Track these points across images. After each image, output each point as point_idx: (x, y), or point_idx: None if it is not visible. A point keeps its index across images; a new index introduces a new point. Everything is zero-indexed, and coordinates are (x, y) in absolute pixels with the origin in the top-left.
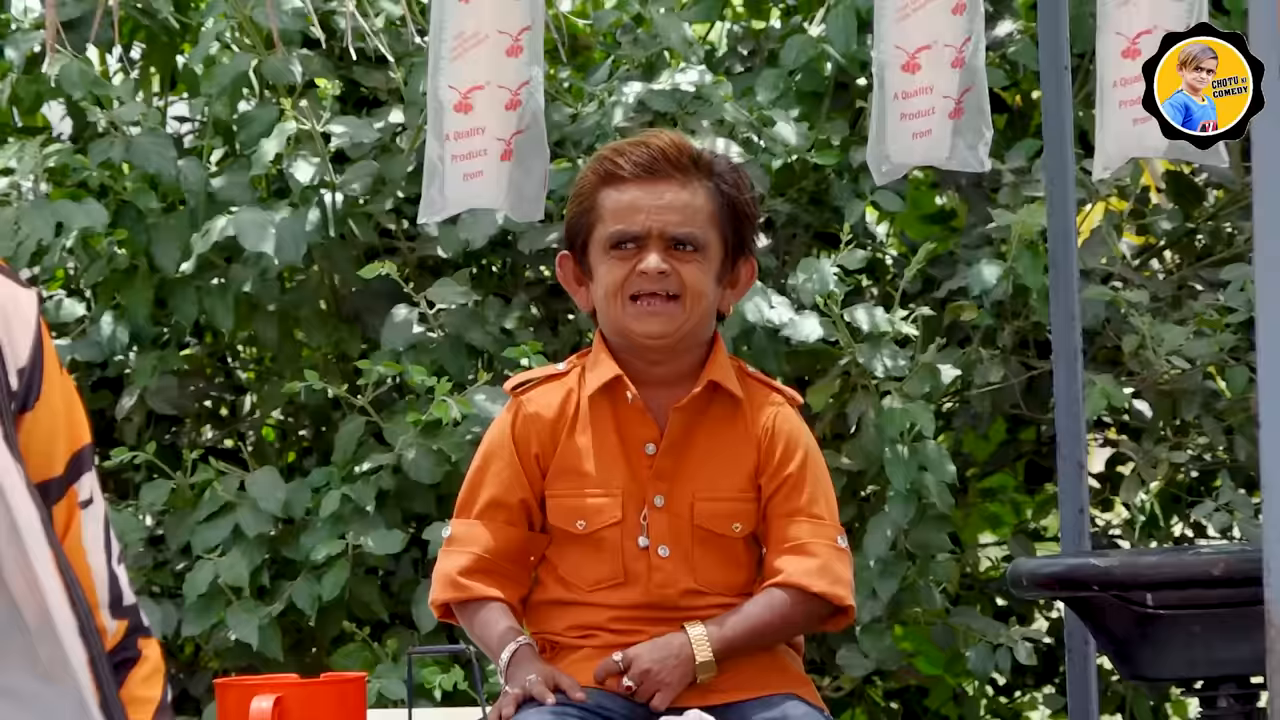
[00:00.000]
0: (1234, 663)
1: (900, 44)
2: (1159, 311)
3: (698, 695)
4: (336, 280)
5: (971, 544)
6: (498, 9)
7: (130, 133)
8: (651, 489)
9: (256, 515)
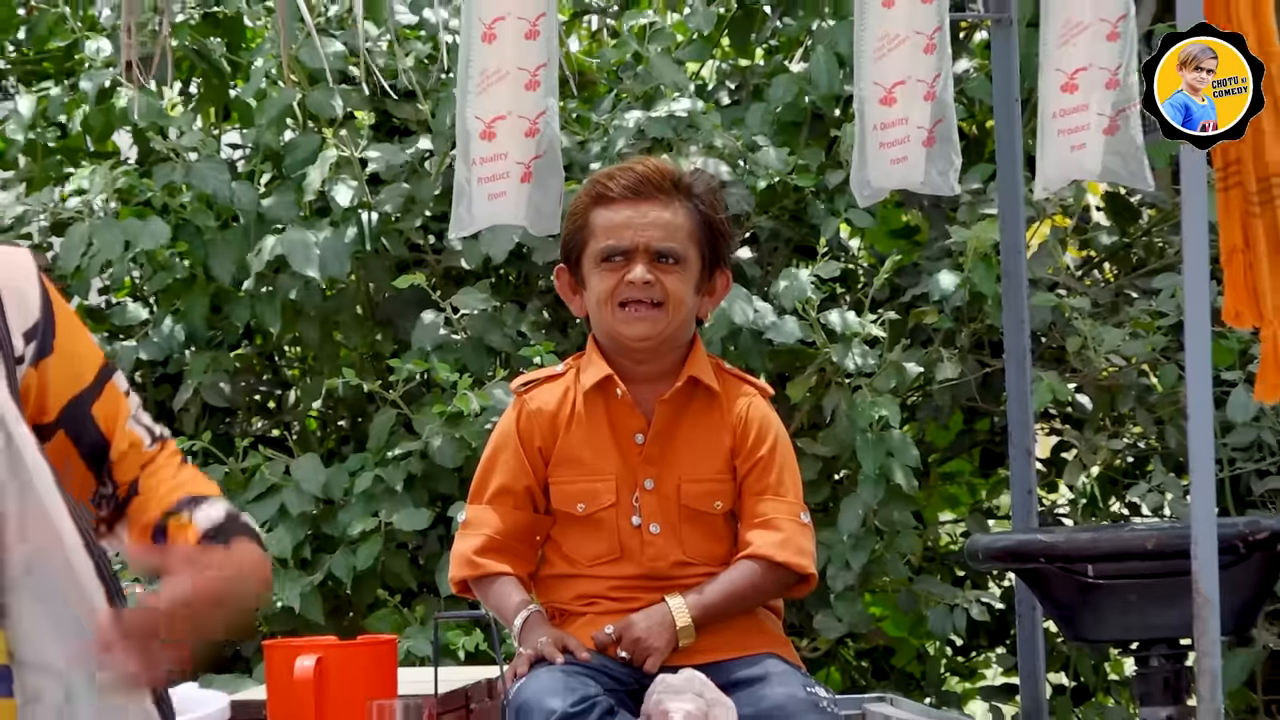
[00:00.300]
0: (1165, 627)
1: (878, 80)
2: (1098, 316)
3: (687, 656)
4: (372, 288)
5: (933, 521)
6: (517, 48)
7: (189, 158)
8: (641, 474)
9: (299, 495)
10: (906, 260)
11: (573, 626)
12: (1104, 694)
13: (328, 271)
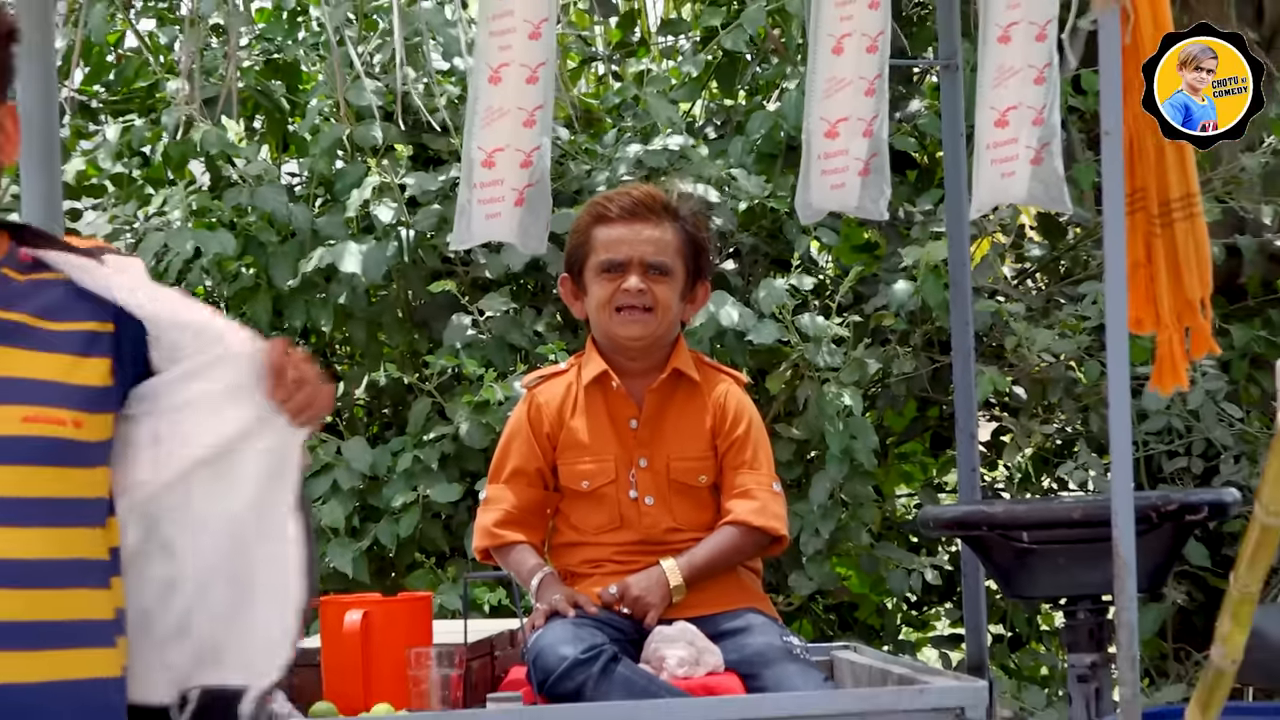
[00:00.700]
0: (1089, 585)
1: (824, 116)
2: (1031, 319)
3: (679, 610)
4: (410, 294)
5: (890, 495)
6: (518, 91)
7: (253, 184)
8: (636, 454)
9: (349, 473)
10: (867, 272)
11: (581, 586)
12: (1036, 642)
13: (370, 276)
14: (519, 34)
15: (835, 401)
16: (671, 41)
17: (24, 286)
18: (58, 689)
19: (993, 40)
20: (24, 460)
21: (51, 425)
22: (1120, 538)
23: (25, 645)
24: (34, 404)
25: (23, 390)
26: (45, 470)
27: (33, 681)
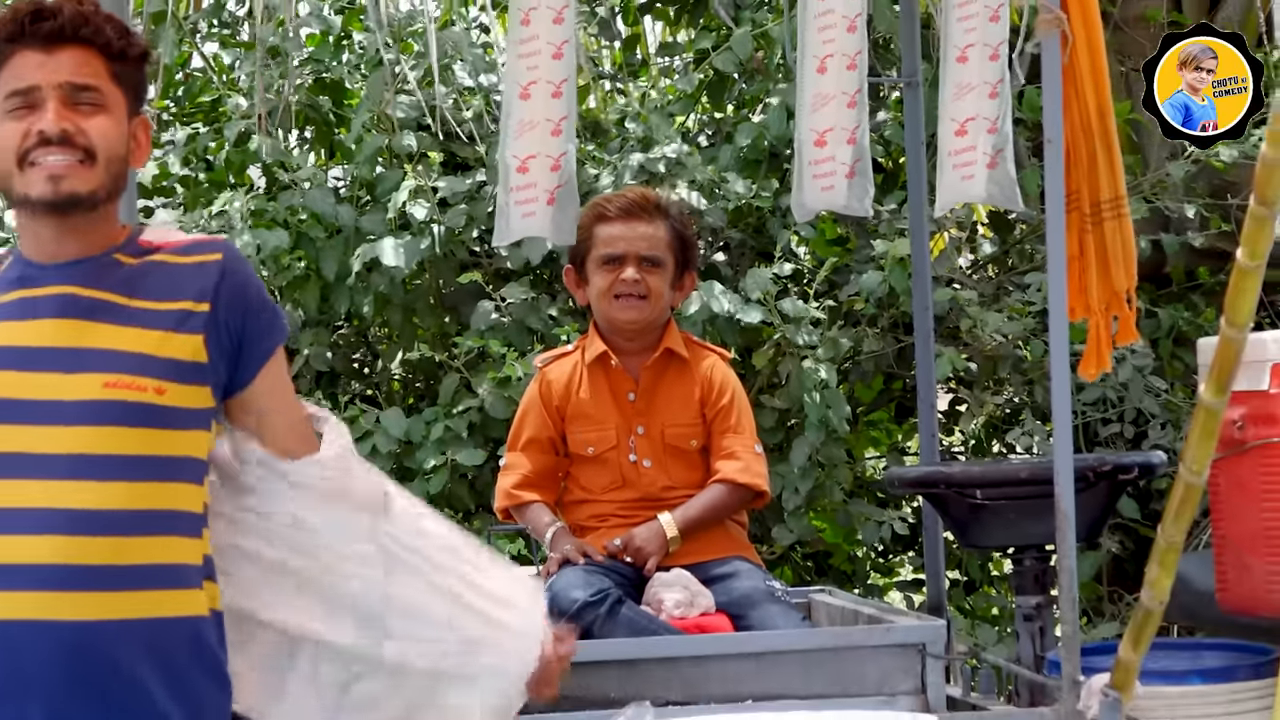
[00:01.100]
0: (1035, 536)
1: (813, 128)
2: (984, 304)
3: (675, 559)
4: (441, 283)
5: (861, 457)
6: (545, 104)
7: (304, 187)
8: (634, 423)
9: (387, 439)
10: (840, 263)
11: (589, 538)
12: (988, 586)
13: (406, 269)
14: (544, 55)
15: (813, 375)
16: (668, 62)
17: (129, 269)
18: (142, 626)
19: (952, 60)
20: (105, 421)
21: (131, 391)
22: (1061, 494)
23: (110, 586)
24: (114, 372)
25: (104, 360)
26: (126, 430)
27: (117, 619)
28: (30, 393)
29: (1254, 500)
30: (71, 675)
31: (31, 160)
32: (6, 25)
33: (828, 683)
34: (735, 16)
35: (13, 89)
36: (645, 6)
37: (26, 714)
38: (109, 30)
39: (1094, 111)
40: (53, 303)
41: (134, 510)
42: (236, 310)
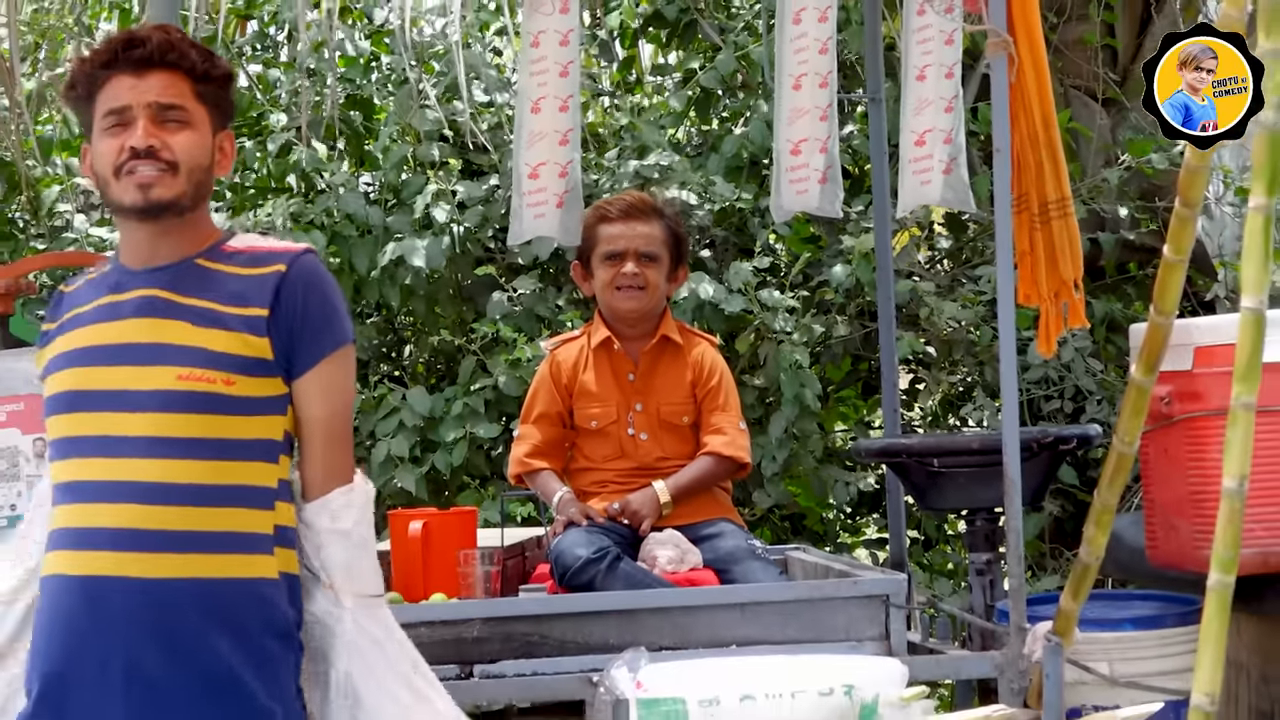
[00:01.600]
0: (985, 499)
1: (789, 138)
2: (940, 294)
3: (667, 520)
4: (459, 276)
5: (831, 430)
6: (553, 117)
7: (339, 192)
8: (633, 400)
9: (412, 414)
10: (813, 258)
11: (591, 502)
12: (944, 544)
13: (430, 263)
14: (552, 74)
15: (788, 357)
16: (660, 80)
17: (207, 275)
18: (208, 584)
19: (912, 79)
20: (177, 409)
21: (201, 383)
22: (1009, 463)
23: (179, 549)
24: (187, 365)
25: (178, 354)
26: (196, 416)
27: (185, 577)
28: (114, 384)
29: (1180, 468)
30: (144, 626)
31: (126, 171)
32: (103, 53)
33: (802, 630)
34: (720, 38)
35: (109, 109)
36: (640, 30)
37: (109, 658)
38: (193, 55)
39: (1040, 123)
40: (135, 304)
41: (202, 484)
42: (291, 315)
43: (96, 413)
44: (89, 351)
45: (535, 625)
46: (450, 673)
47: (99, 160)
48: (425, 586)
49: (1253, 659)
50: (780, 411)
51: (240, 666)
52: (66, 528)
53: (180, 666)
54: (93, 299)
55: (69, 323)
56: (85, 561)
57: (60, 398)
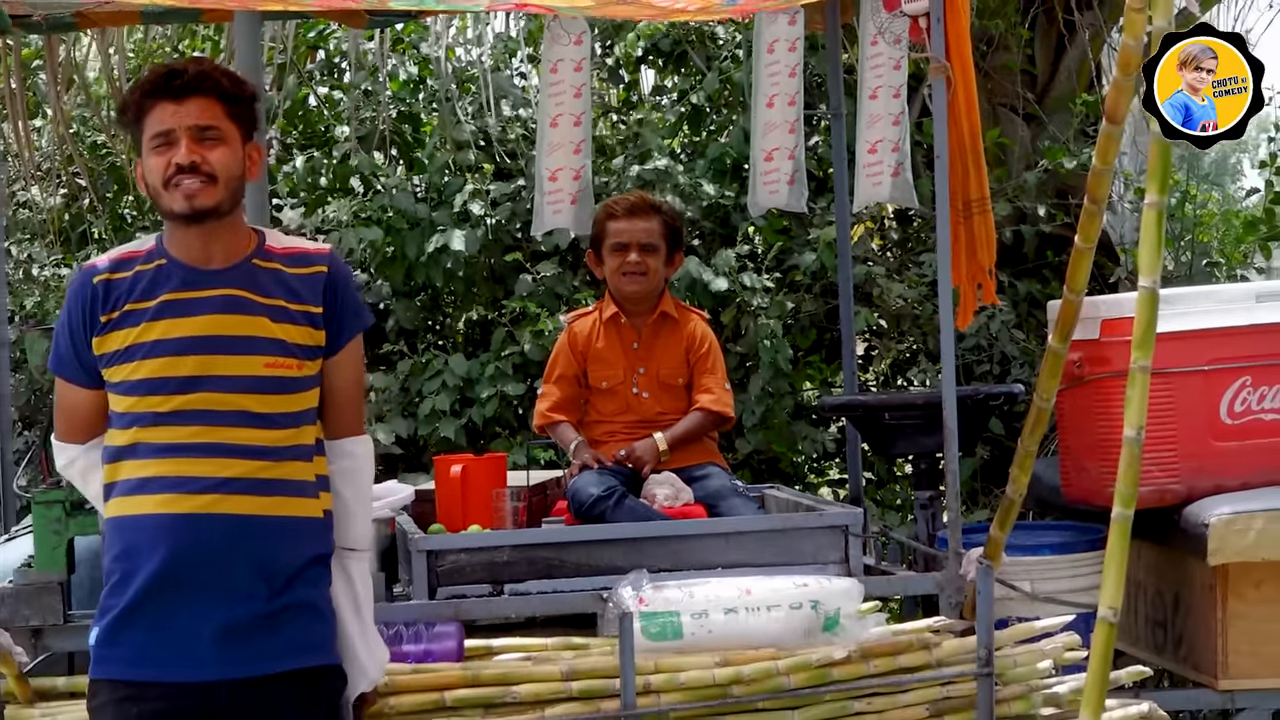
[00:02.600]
0: (928, 446)
1: (763, 147)
2: (890, 276)
3: (664, 465)
4: (492, 261)
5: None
6: (569, 130)
7: (392, 192)
8: (637, 365)
9: (453, 376)
10: (785, 246)
11: (601, 449)
12: (893, 483)
13: (468, 250)
14: (568, 94)
15: (765, 329)
16: (658, 99)
17: (267, 275)
18: (279, 519)
19: (866, 98)
20: (265, 391)
21: (282, 369)
22: (947, 416)
23: (258, 493)
24: (271, 355)
25: (263, 345)
26: (279, 396)
27: (262, 514)
28: (212, 370)
29: (1089, 420)
30: (232, 549)
31: (173, 184)
32: (148, 84)
33: (776, 555)
34: (707, 65)
35: (155, 131)
36: (641, 59)
37: (206, 576)
38: (224, 81)
39: (967, 136)
40: (217, 302)
41: (276, 445)
42: (338, 306)
43: (191, 394)
44: (173, 342)
45: (555, 551)
46: (484, 590)
47: (149, 174)
48: (464, 519)
49: (1149, 578)
50: (758, 374)
51: (300, 579)
52: (161, 477)
53: (260, 579)
54: (153, 296)
55: (129, 317)
56: (186, 502)
57: (149, 382)
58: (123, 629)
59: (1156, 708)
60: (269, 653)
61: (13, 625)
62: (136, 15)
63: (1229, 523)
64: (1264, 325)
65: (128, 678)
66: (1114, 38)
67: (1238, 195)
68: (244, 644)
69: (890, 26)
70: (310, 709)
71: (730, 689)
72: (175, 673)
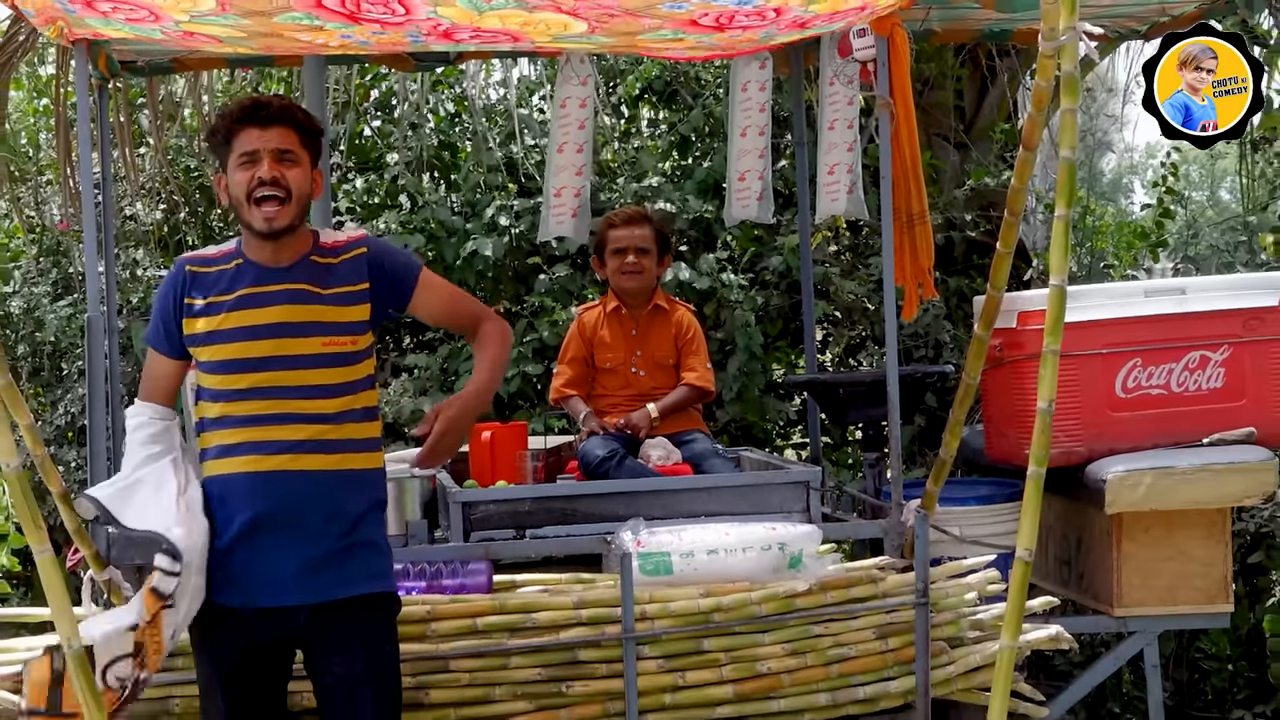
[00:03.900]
0: (875, 416)
1: (738, 169)
2: (844, 275)
3: (657, 431)
4: (516, 264)
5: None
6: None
7: (433, 206)
8: (635, 348)
9: None
10: (756, 251)
11: (606, 418)
12: (846, 446)
13: (495, 255)
14: (573, 126)
15: (740, 319)
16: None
17: (323, 268)
18: (347, 472)
19: (825, 129)
20: (325, 366)
21: (338, 345)
22: (891, 391)
23: (328, 451)
24: (328, 335)
25: (320, 328)
26: (336, 369)
27: (334, 469)
28: (280, 351)
29: (1007, 395)
30: (306, 499)
31: (255, 199)
32: (237, 111)
33: (749, 506)
34: (693, 102)
35: (243, 151)
36: (639, 97)
37: (286, 522)
38: (299, 115)
39: (908, 160)
40: (284, 295)
41: (340, 410)
42: (385, 269)
43: (266, 372)
44: (249, 329)
45: (568, 502)
46: (509, 535)
47: (234, 187)
48: (493, 476)
49: (1057, 524)
50: (735, 356)
51: (364, 521)
52: (247, 442)
53: (330, 522)
54: (233, 289)
55: (211, 307)
56: (266, 462)
57: (229, 362)
58: (221, 564)
59: (1063, 631)
60: (339, 582)
61: (123, 563)
62: (222, 61)
63: (1123, 479)
64: (1152, 316)
65: (226, 603)
66: (1028, 80)
67: (1130, 210)
68: (319, 575)
69: (844, 70)
70: (371, 625)
71: (712, 616)
72: (264, 599)
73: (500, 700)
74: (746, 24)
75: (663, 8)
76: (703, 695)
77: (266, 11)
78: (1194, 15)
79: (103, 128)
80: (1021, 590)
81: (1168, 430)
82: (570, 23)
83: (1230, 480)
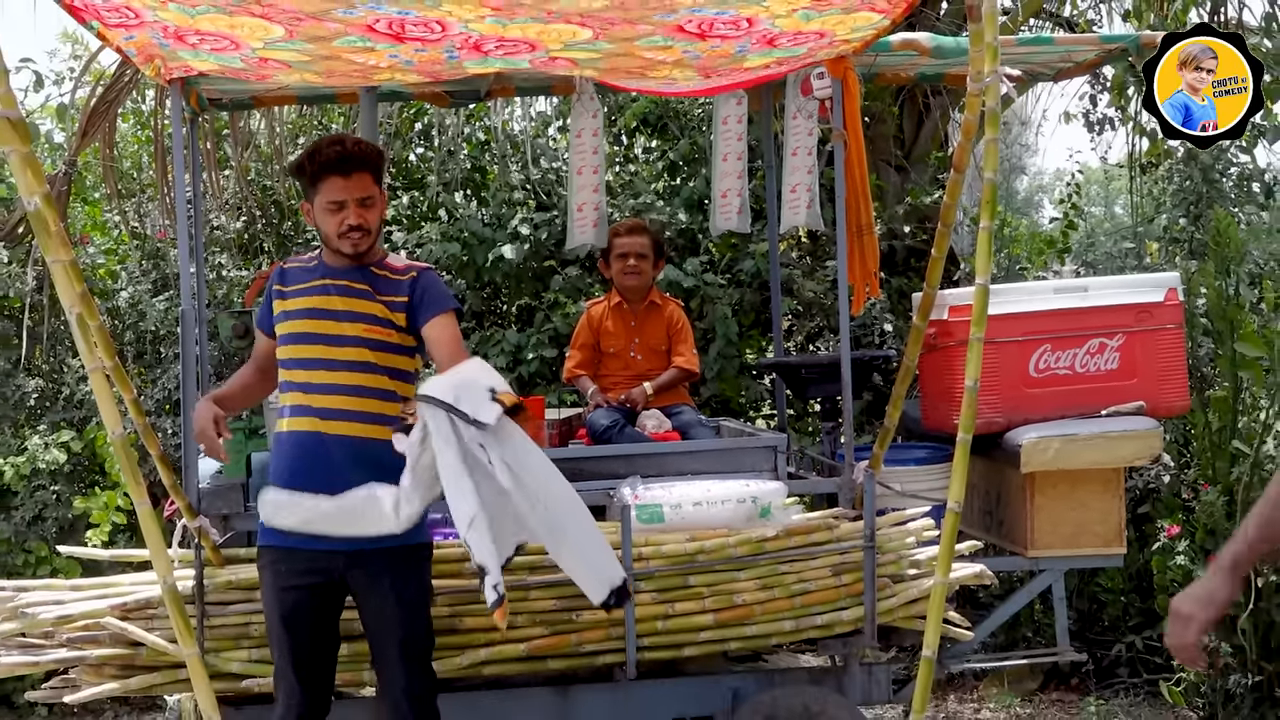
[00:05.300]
0: (831, 392)
1: (719, 189)
2: (805, 276)
3: (651, 405)
4: (535, 266)
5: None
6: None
7: (466, 219)
8: (634, 336)
9: (507, 344)
10: (734, 256)
11: (610, 394)
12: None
13: (517, 259)
14: (588, 151)
15: (720, 312)
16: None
17: (379, 278)
18: (375, 441)
19: (789, 155)
20: (365, 347)
21: (377, 332)
22: (844, 371)
23: (364, 421)
24: (369, 324)
25: (364, 317)
26: (374, 351)
27: (366, 436)
28: (331, 330)
29: (940, 375)
30: (343, 459)
31: (342, 236)
32: (322, 158)
33: (727, 466)
34: (681, 132)
35: (330, 199)
36: (636, 128)
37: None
38: (373, 158)
39: (858, 180)
40: (341, 287)
41: (374, 387)
42: (421, 294)
43: (320, 345)
44: (312, 311)
45: (578, 463)
46: None
47: (324, 226)
48: None
49: (980, 481)
50: (715, 342)
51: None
52: (299, 405)
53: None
54: (308, 280)
55: (293, 293)
56: (313, 424)
57: (296, 335)
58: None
59: (986, 569)
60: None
61: (210, 513)
62: (294, 98)
63: (1035, 444)
64: (1059, 309)
65: (282, 544)
66: (957, 114)
67: (1040, 222)
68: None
69: (805, 106)
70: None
71: (696, 557)
72: (311, 543)
73: (521, 626)
74: (724, 33)
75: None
76: (689, 622)
77: (327, 37)
78: (1094, 62)
79: (194, 153)
80: (951, 535)
81: (1072, 404)
82: (578, 30)
83: (1123, 445)
